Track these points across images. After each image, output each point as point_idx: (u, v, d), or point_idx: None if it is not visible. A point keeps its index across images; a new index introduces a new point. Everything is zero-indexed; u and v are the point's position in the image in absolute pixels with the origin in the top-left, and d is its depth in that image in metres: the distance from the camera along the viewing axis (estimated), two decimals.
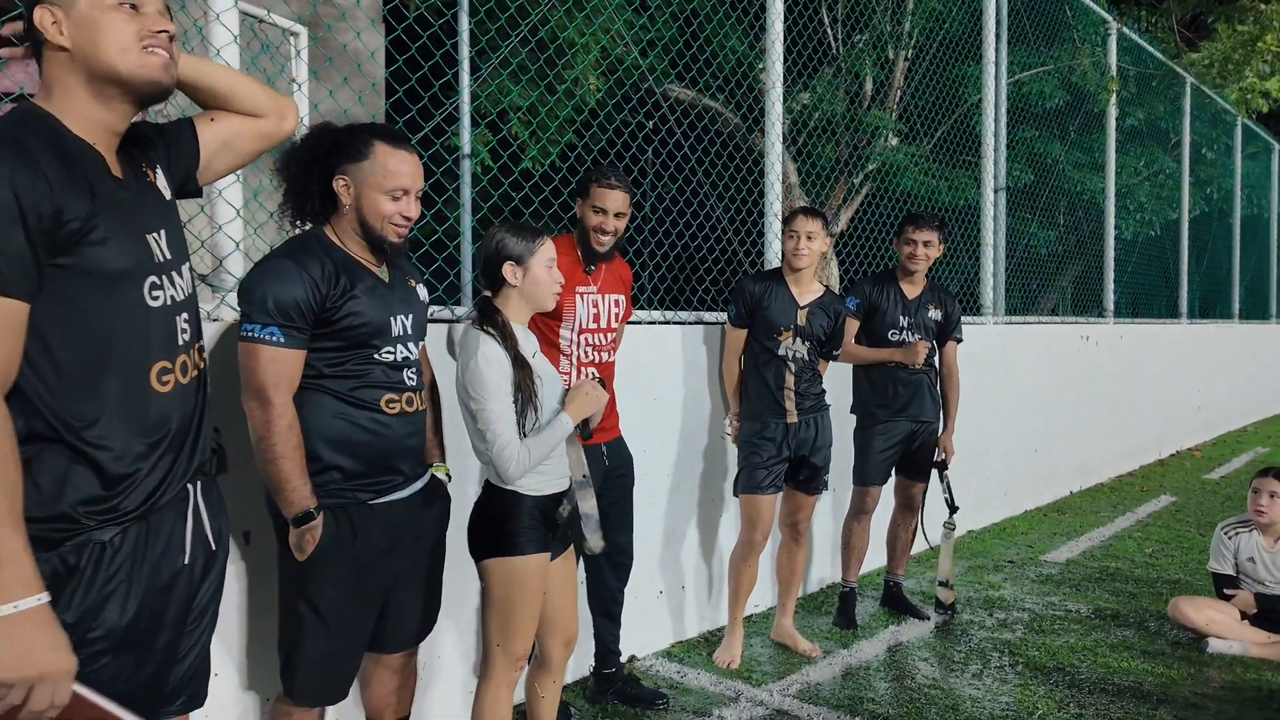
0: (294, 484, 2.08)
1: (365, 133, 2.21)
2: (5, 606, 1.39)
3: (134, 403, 1.59)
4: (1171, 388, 9.24)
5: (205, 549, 1.76)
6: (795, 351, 3.75)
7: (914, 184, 6.94)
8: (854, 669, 3.80)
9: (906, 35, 6.98)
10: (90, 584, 1.54)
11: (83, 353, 1.54)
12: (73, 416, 1.53)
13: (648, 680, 3.64)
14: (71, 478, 1.53)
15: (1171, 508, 6.89)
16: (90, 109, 1.58)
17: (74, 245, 1.50)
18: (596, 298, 3.19)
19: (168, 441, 1.65)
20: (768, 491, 3.74)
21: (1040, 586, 4.91)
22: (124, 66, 1.57)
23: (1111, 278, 8.23)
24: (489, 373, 2.33)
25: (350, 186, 2.17)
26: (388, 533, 2.25)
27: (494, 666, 2.49)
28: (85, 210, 1.50)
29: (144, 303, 1.60)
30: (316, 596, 2.17)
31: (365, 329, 2.17)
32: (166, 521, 1.66)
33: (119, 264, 1.56)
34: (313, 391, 2.16)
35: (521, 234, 2.47)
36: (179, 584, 1.69)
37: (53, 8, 1.55)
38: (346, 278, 2.16)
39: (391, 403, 2.23)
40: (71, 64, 1.56)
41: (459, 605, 3.19)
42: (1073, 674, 3.74)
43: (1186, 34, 12.90)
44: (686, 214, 4.91)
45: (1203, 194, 10.83)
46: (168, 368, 1.64)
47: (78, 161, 1.54)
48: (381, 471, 2.23)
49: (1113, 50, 8.07)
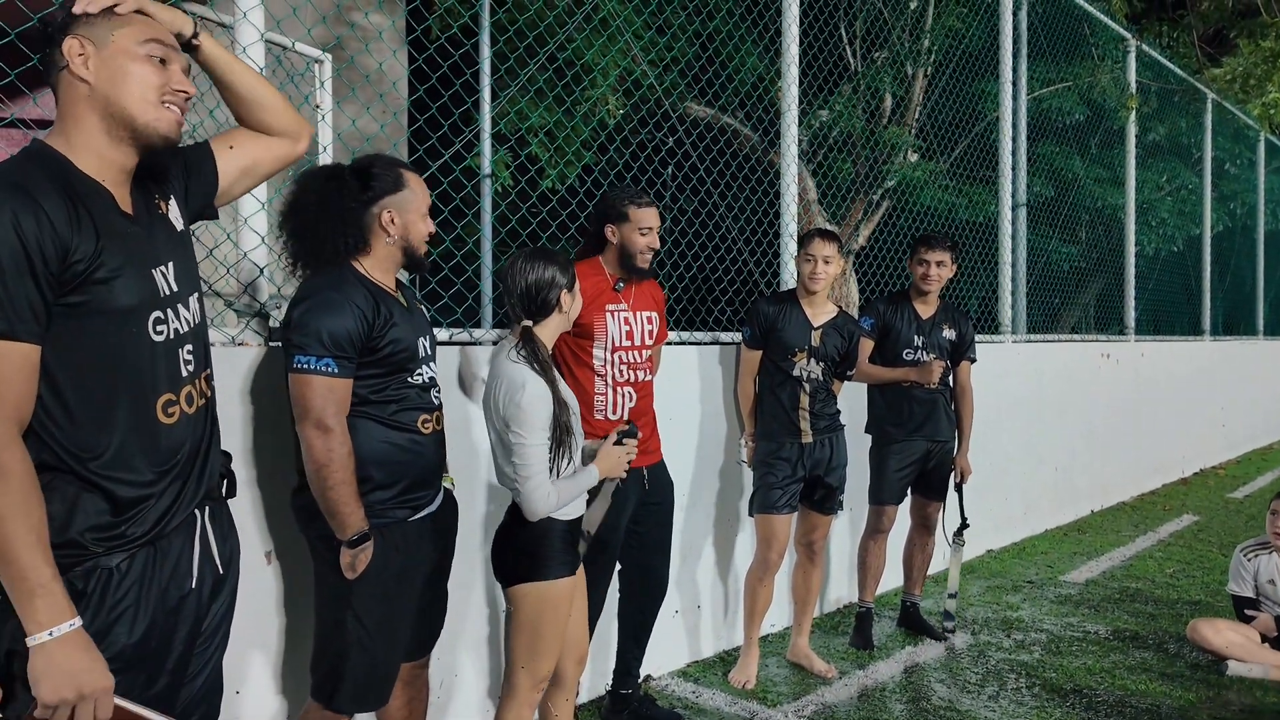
0: (351, 508, 2.18)
1: (390, 164, 2.35)
2: (42, 634, 1.46)
3: (141, 435, 1.62)
4: (1194, 405, 9.17)
5: (214, 572, 1.80)
6: (810, 372, 3.78)
7: (933, 200, 6.95)
8: (870, 690, 3.80)
9: (925, 52, 7.00)
10: (99, 608, 1.58)
11: (89, 388, 1.57)
12: (81, 449, 1.56)
13: (663, 700, 3.66)
14: (81, 506, 1.56)
15: (1194, 527, 6.83)
16: (101, 144, 1.62)
17: (80, 284, 1.53)
18: (628, 314, 3.22)
19: (175, 470, 1.68)
20: (783, 511, 3.76)
21: (1059, 607, 4.89)
22: (141, 116, 1.62)
23: (1132, 294, 8.18)
24: (535, 410, 2.38)
25: (395, 217, 2.30)
26: (421, 547, 2.37)
27: (517, 688, 2.53)
28: (91, 249, 1.53)
29: (148, 338, 1.63)
30: (364, 611, 2.27)
31: (404, 354, 2.29)
32: (174, 546, 1.70)
33: (124, 301, 1.58)
34: (358, 418, 2.24)
35: (563, 261, 2.55)
36: (187, 606, 1.72)
37: (84, 40, 1.59)
38: (385, 307, 2.27)
39: (426, 422, 2.35)
40: (90, 99, 1.60)
41: (477, 624, 3.23)
42: (1090, 696, 3.72)
43: (1208, 49, 12.83)
44: (703, 235, 4.95)
45: (1226, 209, 10.75)
46: (172, 399, 1.68)
47: (85, 201, 1.56)
48: (418, 489, 2.35)
49: (1131, 67, 8.06)
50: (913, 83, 7.24)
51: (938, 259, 4.17)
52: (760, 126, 6.01)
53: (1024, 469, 6.30)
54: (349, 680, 2.30)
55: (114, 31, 1.61)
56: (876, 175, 7.04)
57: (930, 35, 6.96)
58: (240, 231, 2.74)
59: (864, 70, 6.95)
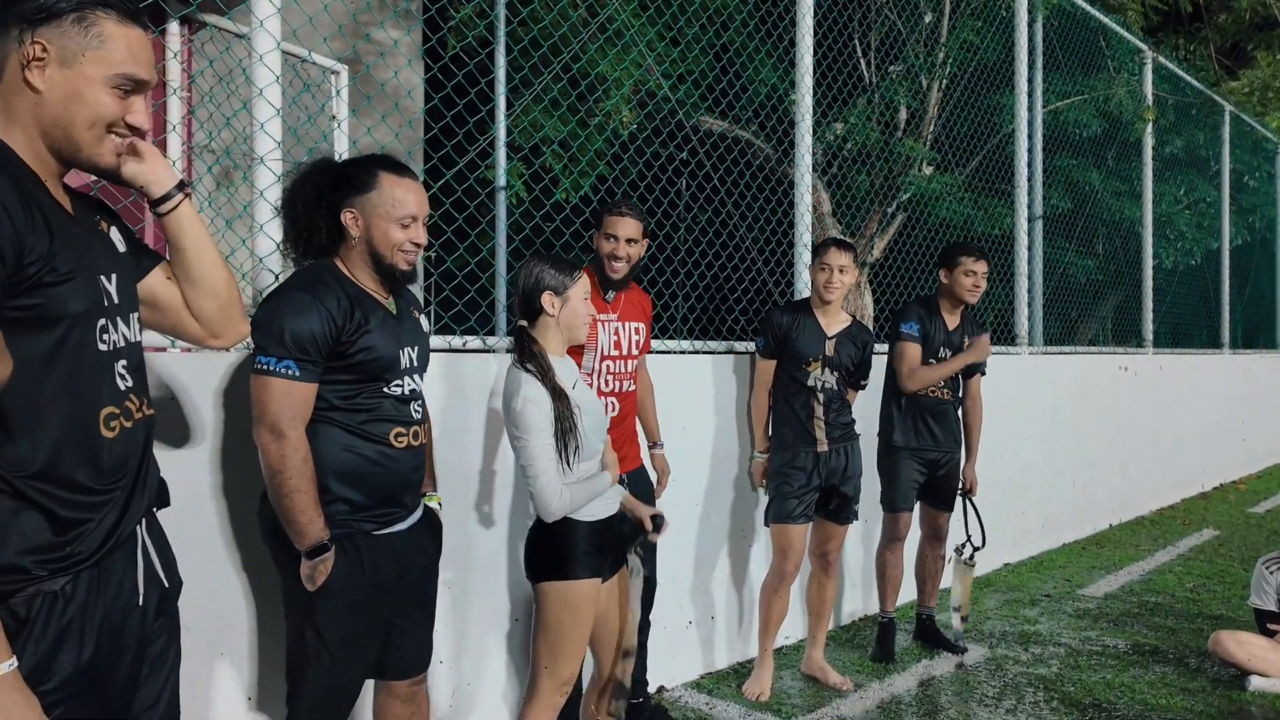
0: (309, 516, 2.09)
1: (369, 164, 2.24)
2: None
3: (82, 448, 1.50)
4: (1214, 419, 9.07)
5: (158, 587, 1.70)
6: (824, 381, 3.76)
7: (949, 213, 6.92)
8: (886, 703, 3.76)
9: (940, 65, 6.99)
10: (42, 635, 1.46)
11: (28, 397, 1.44)
12: (17, 463, 1.43)
13: (676, 712, 3.63)
14: (18, 524, 1.44)
15: (1214, 541, 6.75)
16: (39, 148, 1.50)
17: (31, 288, 1.41)
18: (617, 325, 3.24)
19: (120, 486, 1.58)
20: (799, 521, 3.74)
21: (1077, 621, 4.83)
22: (85, 149, 1.51)
23: (1150, 307, 8.12)
24: (529, 413, 2.40)
25: (359, 218, 2.20)
26: (392, 563, 2.26)
27: (540, 689, 2.53)
28: (45, 250, 1.42)
29: (94, 346, 1.51)
30: (323, 625, 2.18)
31: (378, 363, 2.19)
32: (118, 565, 1.59)
33: (74, 306, 1.47)
34: (322, 424, 2.16)
35: (560, 265, 2.54)
36: (132, 625, 1.61)
37: (48, 45, 1.44)
38: (360, 311, 2.17)
39: (399, 436, 2.24)
40: (35, 107, 1.47)
41: (496, 633, 3.22)
42: (1109, 711, 3.67)
43: (1225, 62, 12.78)
44: (716, 244, 4.94)
45: (1245, 222, 10.67)
46: (115, 413, 1.56)
47: (33, 196, 1.45)
48: (386, 504, 2.25)
49: (1148, 79, 8.02)
50: (927, 95, 7.23)
51: (984, 270, 4.11)
52: (774, 139, 6.01)
53: (1042, 482, 6.25)
54: (306, 695, 2.22)
55: (85, 53, 1.46)
56: (891, 188, 7.02)
57: (945, 48, 6.95)
58: (256, 239, 2.75)
59: (878, 83, 6.94)
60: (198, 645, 2.39)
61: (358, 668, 2.28)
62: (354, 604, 2.20)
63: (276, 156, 2.74)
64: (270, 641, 2.60)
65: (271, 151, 2.72)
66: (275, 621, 2.60)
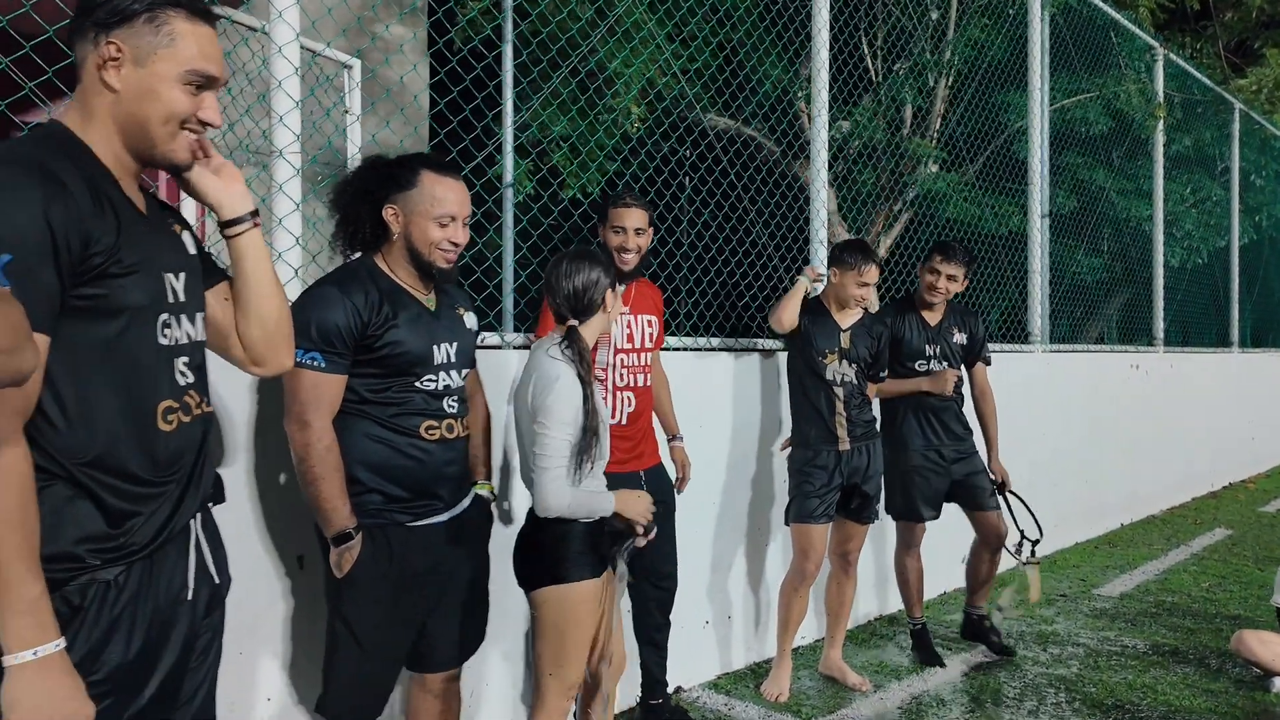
0: (333, 504, 2.14)
1: (414, 162, 2.29)
2: (25, 654, 1.35)
3: (139, 440, 1.53)
4: (1223, 418, 9.04)
5: (209, 583, 1.70)
6: (843, 374, 3.72)
7: (956, 211, 6.89)
8: (906, 704, 3.72)
9: (947, 63, 6.95)
10: (94, 625, 1.48)
11: (89, 387, 1.47)
12: (74, 452, 1.46)
13: (695, 712, 3.60)
14: (73, 514, 1.46)
15: (1227, 541, 6.71)
16: (116, 146, 1.54)
17: (95, 278, 1.45)
18: (629, 318, 3.20)
19: (174, 479, 1.59)
20: (820, 521, 3.69)
21: (1094, 621, 4.80)
22: (160, 145, 1.55)
23: (1161, 306, 8.09)
24: (560, 405, 2.35)
25: (399, 215, 2.24)
26: (426, 554, 2.28)
27: (546, 696, 2.47)
28: (111, 242, 1.46)
29: (154, 340, 1.54)
30: (351, 614, 2.22)
31: (405, 358, 2.22)
32: (170, 557, 1.60)
33: (136, 299, 1.50)
34: (354, 416, 2.21)
35: (605, 261, 2.54)
36: (181, 620, 1.62)
37: (122, 45, 1.49)
38: (390, 306, 2.21)
39: (431, 429, 2.27)
40: (113, 105, 1.51)
41: (505, 633, 3.18)
42: (1133, 712, 3.63)
43: (1234, 59, 12.74)
44: (733, 242, 4.90)
45: (1251, 221, 10.63)
46: (173, 407, 1.58)
47: (105, 190, 1.49)
48: (420, 496, 2.28)
49: (1159, 76, 7.99)
50: (935, 93, 7.20)
51: (950, 272, 4.00)
52: (777, 136, 5.98)
53: (1054, 480, 6.20)
54: (333, 685, 2.26)
55: (158, 51, 1.50)
56: (898, 186, 6.99)
57: (952, 46, 6.92)
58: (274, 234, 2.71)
59: (886, 81, 6.91)
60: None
61: (386, 659, 2.28)
62: (380, 594, 2.22)
63: (295, 150, 2.71)
64: (289, 644, 2.56)
65: (290, 145, 2.69)
66: (295, 624, 2.57)
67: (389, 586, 2.23)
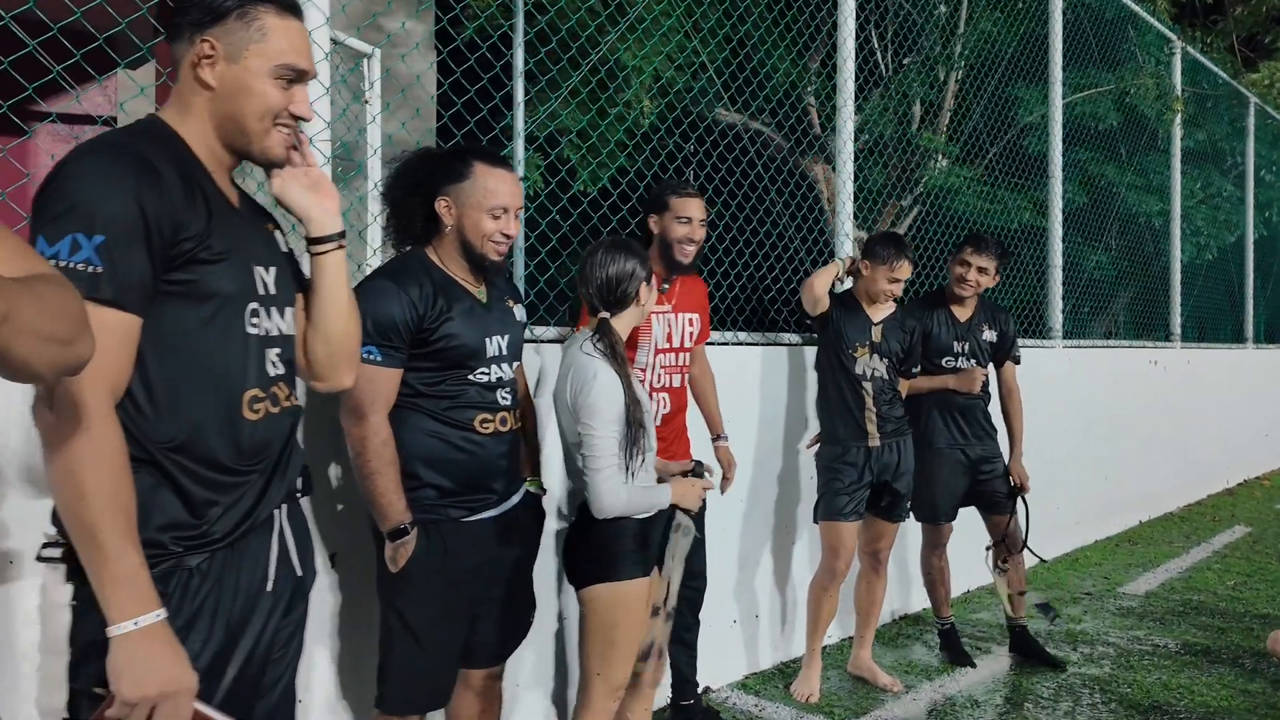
0: (389, 499, 2.11)
1: (466, 154, 2.27)
2: (126, 624, 1.35)
3: (224, 428, 1.53)
4: (1238, 414, 8.98)
5: (291, 575, 1.69)
6: (873, 369, 3.65)
7: (966, 206, 6.81)
8: (939, 705, 3.65)
9: (957, 56, 6.88)
10: (176, 614, 1.47)
11: (176, 373, 1.49)
12: (161, 437, 1.47)
13: (725, 713, 3.53)
14: (159, 500, 1.47)
15: (1248, 538, 6.65)
16: (212, 141, 1.58)
17: (185, 264, 1.47)
18: (670, 316, 3.12)
19: (258, 469, 1.59)
20: (850, 518, 3.62)
21: (1122, 620, 4.73)
22: (256, 141, 1.58)
23: (1178, 300, 8.02)
24: (602, 402, 2.31)
25: (452, 207, 2.23)
26: (478, 549, 2.27)
27: (593, 696, 2.42)
28: (201, 229, 1.48)
29: (244, 328, 1.56)
30: (406, 609, 2.20)
31: (460, 350, 2.20)
32: (252, 547, 1.60)
33: (224, 287, 1.52)
34: (409, 410, 2.19)
35: (641, 253, 2.48)
36: (261, 610, 1.62)
37: (215, 43, 1.52)
38: (444, 299, 2.19)
39: (485, 422, 2.25)
40: (209, 102, 1.55)
41: (541, 632, 3.11)
42: (1171, 713, 3.56)
43: (1246, 52, 12.68)
44: (758, 237, 4.83)
45: (1261, 216, 10.56)
46: (260, 396, 1.59)
47: (198, 180, 1.52)
48: (474, 490, 2.25)
49: (1177, 70, 7.91)
50: (945, 87, 7.12)
51: (981, 264, 3.90)
52: (786, 130, 5.90)
53: (1074, 477, 6.14)
54: (391, 680, 2.24)
55: (249, 46, 1.53)
56: (908, 181, 6.91)
57: (962, 39, 6.84)
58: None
59: (896, 75, 6.83)
60: None
61: (444, 655, 2.26)
62: (435, 589, 2.20)
63: (325, 138, 2.64)
64: (325, 642, 2.50)
65: (320, 132, 2.61)
66: (327, 622, 2.51)
67: (443, 581, 2.21)
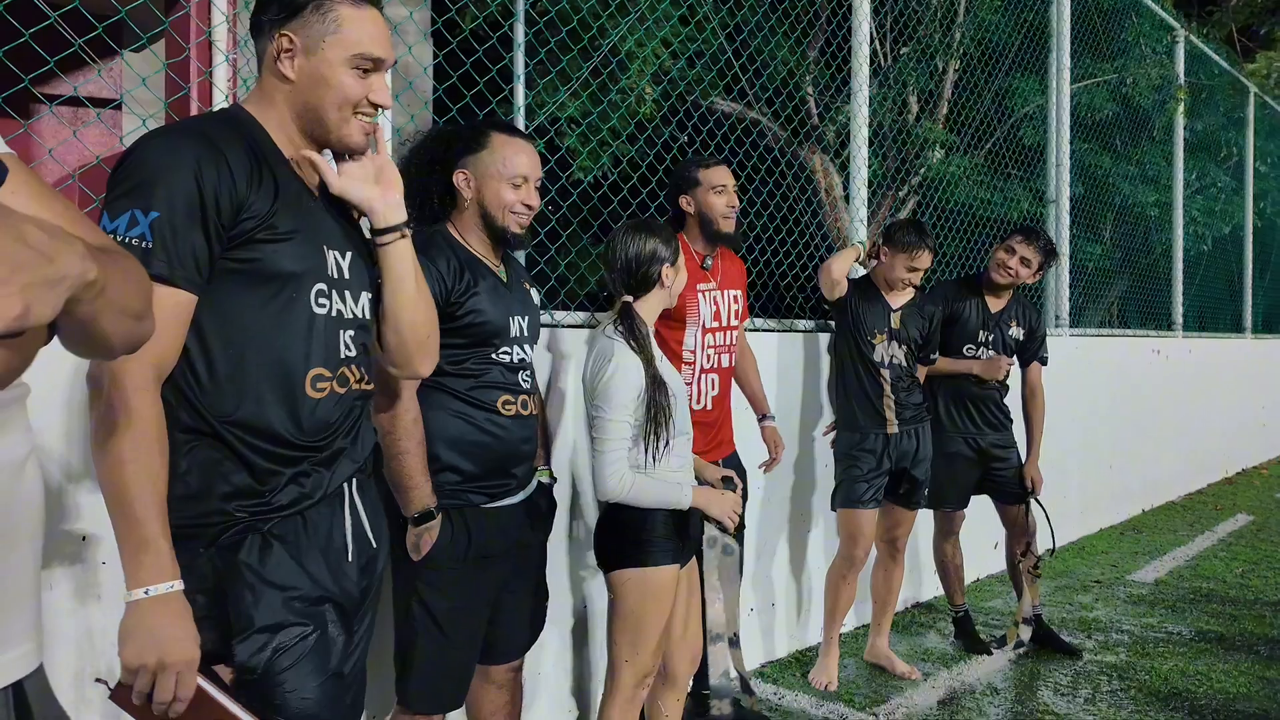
0: (416, 480, 2.05)
1: (483, 125, 2.24)
2: (138, 591, 1.38)
3: (285, 403, 1.53)
4: (1236, 403, 9.00)
5: (367, 547, 1.67)
6: (892, 356, 3.62)
7: (966, 197, 6.77)
8: (958, 693, 3.63)
9: (956, 45, 6.83)
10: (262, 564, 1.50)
11: (237, 348, 1.49)
12: (221, 410, 1.48)
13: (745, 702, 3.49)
14: (221, 472, 1.49)
15: (1252, 527, 6.66)
16: (293, 131, 1.61)
17: (247, 242, 1.48)
18: (717, 294, 3.05)
19: (321, 446, 1.58)
20: (869, 506, 3.59)
21: (1134, 608, 4.72)
22: (336, 130, 1.60)
23: (1180, 290, 8.02)
24: (615, 386, 2.27)
25: (470, 179, 2.18)
26: (500, 537, 2.21)
27: (621, 683, 2.38)
28: (265, 209, 1.49)
29: (309, 308, 1.55)
30: (430, 599, 2.13)
31: (486, 327, 2.15)
32: (324, 518, 1.59)
33: (289, 265, 1.52)
34: (432, 389, 2.13)
35: (664, 233, 2.42)
36: (341, 580, 1.60)
37: (294, 37, 1.55)
38: (470, 274, 2.14)
39: (508, 404, 2.19)
40: (290, 94, 1.58)
41: (561, 622, 3.07)
42: (1191, 700, 3.55)
43: (1247, 43, 12.69)
44: (761, 220, 4.78)
45: (1255, 208, 10.58)
46: (325, 375, 1.57)
47: (271, 165, 1.53)
48: (496, 475, 2.20)
49: (1180, 59, 7.89)
50: (943, 77, 7.08)
51: (1026, 255, 3.86)
52: (784, 119, 5.85)
53: (1080, 465, 6.14)
54: (417, 677, 2.17)
55: (326, 39, 1.56)
56: (906, 171, 6.87)
57: (961, 28, 6.80)
58: None
59: (893, 65, 6.78)
60: None
61: (466, 646, 2.20)
62: (459, 577, 2.13)
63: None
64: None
65: None
66: None
67: (465, 569, 2.15)
